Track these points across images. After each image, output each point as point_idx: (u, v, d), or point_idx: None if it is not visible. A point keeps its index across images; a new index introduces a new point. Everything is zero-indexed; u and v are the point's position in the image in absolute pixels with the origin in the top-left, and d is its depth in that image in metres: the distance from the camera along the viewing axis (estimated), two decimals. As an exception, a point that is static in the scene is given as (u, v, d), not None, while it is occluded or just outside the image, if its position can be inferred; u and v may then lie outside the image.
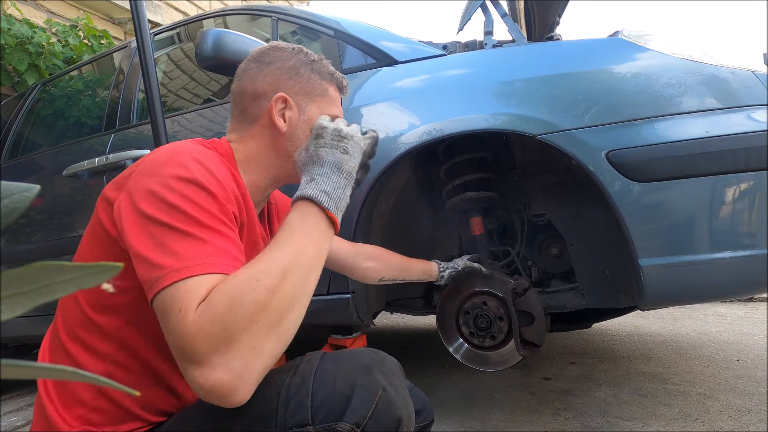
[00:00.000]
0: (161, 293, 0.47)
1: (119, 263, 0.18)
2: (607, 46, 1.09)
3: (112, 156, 1.56)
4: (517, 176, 1.38)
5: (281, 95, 0.70)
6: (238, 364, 0.44)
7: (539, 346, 1.16)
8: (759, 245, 0.92)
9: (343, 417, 0.49)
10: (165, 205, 0.51)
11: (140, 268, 0.50)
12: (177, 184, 0.52)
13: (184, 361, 0.45)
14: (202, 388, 0.44)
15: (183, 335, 0.44)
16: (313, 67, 0.75)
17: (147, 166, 0.55)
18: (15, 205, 0.17)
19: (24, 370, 0.16)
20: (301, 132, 0.72)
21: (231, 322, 0.45)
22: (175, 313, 0.45)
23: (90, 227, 0.62)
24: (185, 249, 0.49)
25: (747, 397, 1.37)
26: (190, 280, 0.47)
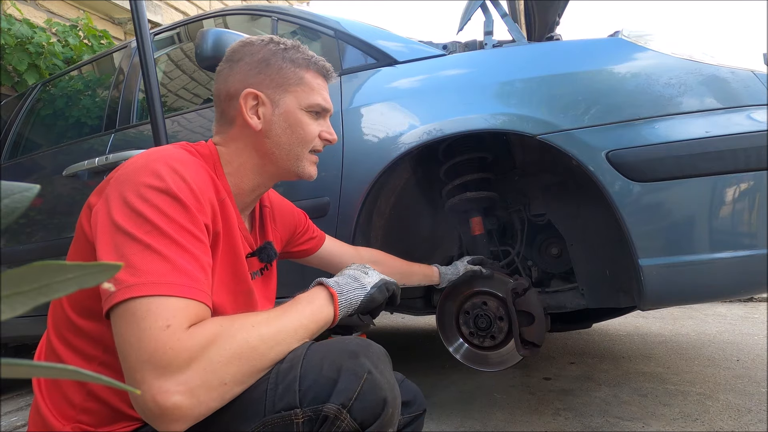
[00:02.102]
0: (121, 306, 0.47)
1: (119, 263, 0.18)
2: (607, 46, 1.09)
3: (112, 156, 1.56)
4: (517, 176, 1.38)
5: (249, 91, 0.68)
6: (198, 400, 0.46)
7: (539, 346, 1.16)
8: (759, 245, 0.92)
9: (330, 399, 0.50)
10: (133, 214, 0.51)
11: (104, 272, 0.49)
12: (148, 193, 0.52)
13: (148, 371, 0.44)
14: (155, 402, 0.44)
15: (157, 349, 0.45)
16: (285, 56, 0.70)
17: (123, 173, 0.55)
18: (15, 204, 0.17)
19: (24, 369, 0.16)
20: (278, 127, 0.69)
21: (206, 361, 0.47)
22: (154, 325, 0.45)
23: (75, 232, 0.61)
24: (143, 263, 0.48)
25: (747, 397, 1.37)
26: (162, 298, 0.47)
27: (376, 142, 1.15)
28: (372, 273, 0.70)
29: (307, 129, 0.71)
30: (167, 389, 0.44)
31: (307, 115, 0.71)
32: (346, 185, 1.17)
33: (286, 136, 0.70)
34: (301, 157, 0.72)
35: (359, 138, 1.17)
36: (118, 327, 0.47)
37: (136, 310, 0.46)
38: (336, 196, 1.18)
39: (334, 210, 1.18)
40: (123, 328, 0.47)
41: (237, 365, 0.49)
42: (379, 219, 1.31)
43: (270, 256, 0.75)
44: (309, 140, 0.72)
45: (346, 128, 1.19)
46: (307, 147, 0.72)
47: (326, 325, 0.61)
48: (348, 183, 1.17)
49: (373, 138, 1.15)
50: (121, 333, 0.47)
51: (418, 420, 0.76)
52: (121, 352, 0.47)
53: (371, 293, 0.66)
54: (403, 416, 0.72)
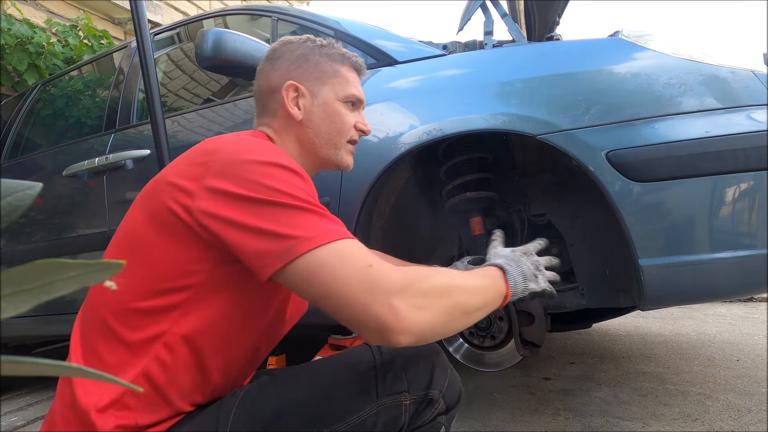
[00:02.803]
0: (310, 253, 0.52)
1: (121, 261, 0.18)
2: (607, 46, 1.09)
3: (112, 156, 1.56)
4: (517, 176, 1.37)
5: (290, 83, 0.72)
6: (427, 314, 0.54)
7: (539, 346, 1.16)
8: (759, 245, 0.92)
9: (431, 386, 0.61)
10: (269, 187, 0.55)
11: (257, 242, 0.53)
12: (272, 170, 0.56)
13: (378, 297, 0.52)
14: (381, 321, 0.51)
15: (380, 279, 0.52)
16: (322, 52, 0.75)
17: (227, 159, 0.57)
18: (17, 203, 0.17)
19: (26, 366, 0.16)
20: (317, 116, 0.74)
21: (422, 287, 0.55)
22: (362, 264, 0.53)
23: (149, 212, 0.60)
24: (303, 220, 0.54)
25: (747, 397, 1.38)
26: (343, 242, 0.54)
27: (376, 142, 1.15)
28: (541, 278, 0.72)
29: (344, 119, 0.76)
30: (399, 305, 0.52)
31: (344, 105, 0.76)
32: (346, 185, 1.17)
33: (325, 126, 0.74)
34: (339, 146, 0.76)
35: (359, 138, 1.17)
36: (317, 275, 0.52)
37: (329, 258, 0.52)
38: (336, 196, 1.18)
39: (335, 210, 1.18)
40: (328, 275, 0.52)
41: (444, 297, 0.56)
42: (379, 219, 1.31)
43: None
44: (346, 129, 0.76)
45: (347, 128, 1.19)
46: (345, 136, 0.76)
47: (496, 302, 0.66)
48: (348, 183, 1.17)
49: (373, 138, 1.15)
50: (328, 280, 0.52)
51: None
52: (335, 294, 0.52)
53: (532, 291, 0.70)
54: None
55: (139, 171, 1.54)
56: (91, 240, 1.60)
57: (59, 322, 1.73)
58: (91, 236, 1.61)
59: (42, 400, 1.92)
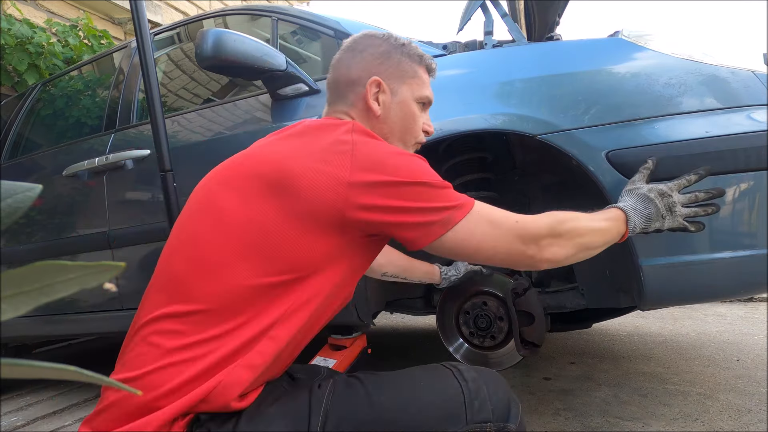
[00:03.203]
0: (469, 215, 0.64)
1: (121, 263, 0.18)
2: (607, 46, 1.09)
3: (112, 156, 1.56)
4: (517, 176, 1.38)
5: (375, 79, 0.74)
6: (561, 251, 0.69)
7: (539, 346, 1.16)
8: (759, 245, 0.92)
9: (509, 419, 0.62)
10: (414, 173, 0.62)
11: (418, 216, 0.62)
12: (406, 158, 0.64)
13: (521, 246, 0.66)
14: (534, 256, 0.67)
15: (530, 230, 0.66)
16: (403, 51, 0.77)
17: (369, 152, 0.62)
18: (17, 204, 0.17)
19: (25, 369, 0.16)
20: (395, 114, 0.76)
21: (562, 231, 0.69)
22: (513, 220, 0.67)
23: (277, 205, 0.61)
24: (453, 194, 0.65)
25: (747, 397, 1.38)
26: (482, 205, 0.67)
27: (376, 142, 1.14)
28: (669, 218, 0.81)
29: (417, 119, 0.79)
30: (543, 246, 0.67)
31: (417, 106, 0.79)
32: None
33: (399, 124, 0.77)
34: (408, 145, 0.79)
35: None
36: (474, 236, 0.64)
37: (482, 219, 0.65)
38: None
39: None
40: (485, 232, 0.65)
41: (570, 239, 0.69)
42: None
43: None
44: (416, 131, 0.80)
45: (346, 128, 1.19)
46: (415, 136, 0.80)
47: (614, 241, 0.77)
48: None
49: (373, 138, 1.15)
50: (485, 236, 0.65)
51: None
52: (494, 245, 0.65)
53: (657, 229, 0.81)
54: None
55: (139, 171, 1.54)
56: (92, 240, 1.60)
57: (59, 322, 1.73)
58: (91, 236, 1.61)
59: (42, 400, 1.92)
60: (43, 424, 1.62)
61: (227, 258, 0.60)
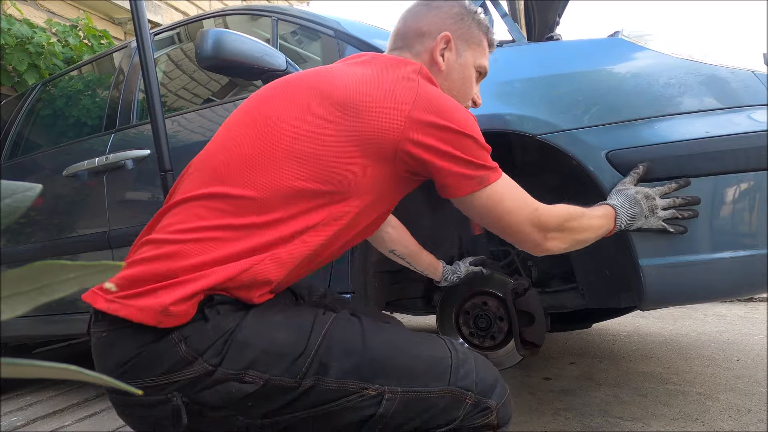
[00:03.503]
0: (496, 184, 0.69)
1: (120, 263, 0.18)
2: (607, 46, 1.09)
3: (112, 156, 1.56)
4: (517, 176, 1.37)
5: (446, 35, 0.76)
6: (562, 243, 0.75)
7: (539, 346, 1.16)
8: (759, 245, 0.92)
9: (491, 396, 0.64)
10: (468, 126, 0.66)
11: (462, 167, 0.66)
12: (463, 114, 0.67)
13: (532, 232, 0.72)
14: (535, 245, 0.73)
15: (544, 221, 0.72)
16: (474, 18, 0.80)
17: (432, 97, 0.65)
18: (17, 204, 0.17)
19: (25, 369, 0.16)
20: (456, 73, 0.78)
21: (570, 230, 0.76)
22: (533, 207, 0.72)
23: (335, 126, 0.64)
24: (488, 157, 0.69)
25: (747, 397, 1.37)
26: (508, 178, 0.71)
27: (376, 142, 1.14)
28: (652, 219, 0.88)
29: (472, 86, 0.82)
30: (549, 237, 0.73)
31: (474, 73, 0.81)
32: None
33: (458, 84, 0.80)
34: None
35: None
36: (499, 206, 0.69)
37: (507, 191, 0.70)
38: (336, 196, 1.17)
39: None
40: (506, 205, 0.70)
41: (572, 233, 0.76)
42: (379, 219, 1.31)
43: None
44: (470, 96, 0.82)
45: (346, 128, 1.19)
46: (467, 101, 0.82)
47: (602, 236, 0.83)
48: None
49: (373, 138, 1.15)
50: (506, 209, 0.70)
51: None
52: (510, 221, 0.71)
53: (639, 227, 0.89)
54: None
55: (139, 171, 1.54)
56: (92, 240, 1.60)
57: (59, 322, 1.73)
58: (91, 236, 1.61)
59: (42, 400, 1.92)
60: (43, 424, 1.62)
61: (277, 157, 0.63)
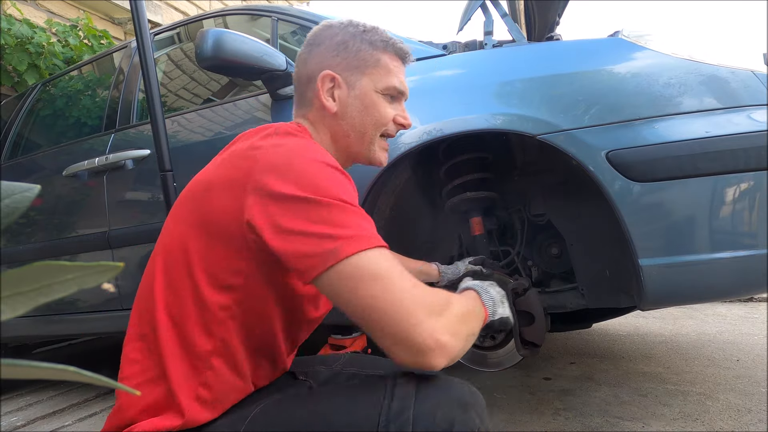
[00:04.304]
0: (355, 257, 0.51)
1: (119, 263, 0.18)
2: (607, 46, 1.09)
3: (112, 156, 1.56)
4: (517, 176, 1.37)
5: (327, 73, 0.69)
6: (455, 338, 0.53)
7: (539, 346, 1.15)
8: (759, 245, 0.92)
9: None
10: (313, 186, 0.53)
11: (300, 245, 0.52)
12: (318, 168, 0.55)
13: (423, 316, 0.51)
14: (425, 343, 0.50)
15: (425, 301, 0.52)
16: (364, 38, 0.70)
17: (275, 157, 0.56)
18: (16, 204, 0.17)
19: (24, 369, 0.16)
20: (353, 108, 0.70)
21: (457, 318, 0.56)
22: (409, 283, 0.52)
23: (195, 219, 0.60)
24: (354, 222, 0.53)
25: (747, 397, 1.37)
26: (382, 251, 0.53)
27: (376, 142, 1.14)
28: (505, 305, 0.79)
29: (382, 111, 0.71)
30: (440, 329, 0.51)
31: (383, 97, 0.72)
32: (346, 185, 1.17)
33: (360, 118, 0.70)
34: (373, 140, 0.72)
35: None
36: (359, 283, 0.51)
37: (373, 268, 0.51)
38: (336, 196, 1.17)
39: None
40: (373, 288, 0.51)
41: (465, 324, 0.58)
42: (379, 219, 1.31)
43: None
44: (383, 122, 0.72)
45: (346, 128, 1.19)
46: (380, 129, 0.72)
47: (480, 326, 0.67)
48: (348, 183, 1.17)
49: (373, 138, 1.15)
50: (374, 293, 0.51)
51: None
52: (380, 309, 0.51)
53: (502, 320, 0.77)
54: None
55: (139, 171, 1.54)
56: (91, 240, 1.60)
57: (59, 322, 1.73)
58: (91, 236, 1.61)
59: (42, 400, 1.92)
60: (43, 424, 1.62)
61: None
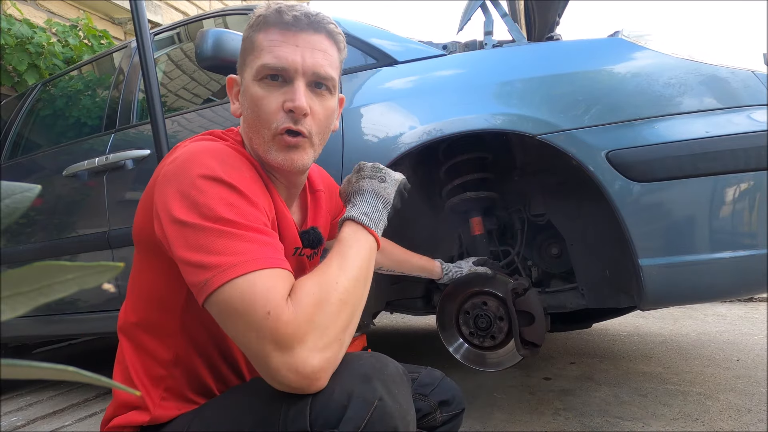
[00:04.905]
0: (220, 291, 0.48)
1: (119, 263, 0.18)
2: (607, 46, 1.09)
3: (112, 156, 1.56)
4: (517, 176, 1.37)
5: (229, 77, 0.66)
6: (330, 354, 0.49)
7: (539, 346, 1.16)
8: (759, 245, 0.92)
9: (339, 426, 0.47)
10: (195, 207, 0.51)
11: (186, 273, 0.51)
12: (203, 184, 0.52)
13: (274, 352, 0.47)
14: (298, 373, 0.47)
15: (277, 329, 0.47)
16: (250, 25, 0.62)
17: (170, 170, 0.54)
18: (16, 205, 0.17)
19: (24, 370, 0.16)
20: (245, 108, 0.63)
21: (322, 318, 0.49)
22: (261, 312, 0.47)
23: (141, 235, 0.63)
24: (228, 247, 0.49)
25: (747, 397, 1.37)
26: (253, 275, 0.48)
27: (376, 142, 1.15)
28: (388, 178, 0.68)
29: (261, 103, 0.59)
30: (303, 358, 0.47)
31: (260, 84, 0.60)
32: (346, 185, 1.17)
33: (249, 118, 0.62)
34: (266, 138, 0.61)
35: (359, 138, 1.17)
36: (224, 319, 0.49)
37: (234, 300, 0.48)
38: (336, 196, 1.18)
39: (334, 210, 1.18)
40: (231, 322, 0.49)
41: (344, 313, 0.52)
42: (379, 219, 1.31)
43: (312, 242, 0.70)
44: (267, 118, 0.59)
45: (346, 128, 1.19)
46: (269, 125, 0.60)
47: (375, 251, 0.62)
48: (348, 183, 1.17)
49: (373, 138, 1.15)
50: (233, 327, 0.49)
51: (456, 419, 0.77)
52: (240, 343, 0.49)
53: (394, 204, 0.69)
54: (442, 414, 0.74)
55: (139, 171, 1.54)
56: (92, 240, 1.60)
57: (59, 322, 1.73)
58: (91, 236, 1.61)
59: (42, 400, 1.91)
60: (43, 424, 1.62)
61: None
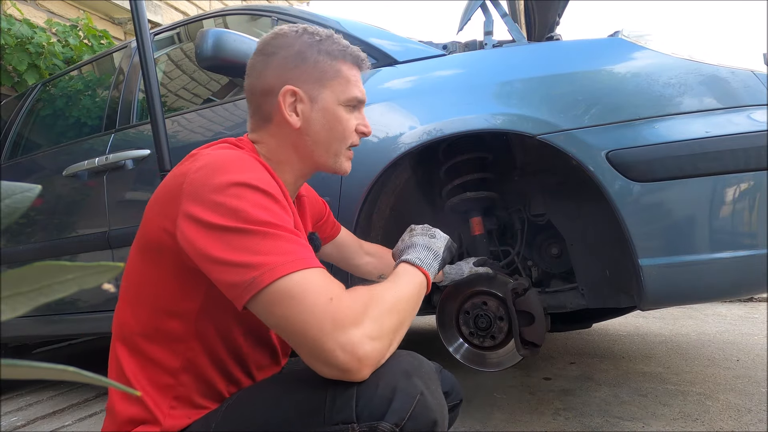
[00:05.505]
0: (274, 286, 0.51)
1: (119, 263, 0.18)
2: (606, 46, 1.09)
3: (112, 156, 1.56)
4: (517, 176, 1.37)
5: (288, 88, 0.66)
6: (380, 345, 0.54)
7: (539, 346, 1.16)
8: (759, 245, 0.92)
9: (384, 417, 0.51)
10: (233, 213, 0.53)
11: (224, 274, 0.52)
12: (239, 191, 0.54)
13: (332, 332, 0.50)
14: (352, 355, 0.51)
15: (339, 311, 0.51)
16: (321, 48, 0.68)
17: (198, 178, 0.56)
18: (16, 205, 0.17)
19: (24, 370, 0.16)
20: (317, 123, 0.69)
21: (377, 312, 0.55)
22: (324, 298, 0.51)
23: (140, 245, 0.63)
24: (276, 246, 0.53)
25: (747, 397, 1.37)
26: (305, 272, 0.52)
27: (376, 143, 1.15)
28: (438, 235, 0.76)
29: (346, 125, 0.71)
30: (359, 341, 0.51)
31: (345, 109, 0.71)
32: (346, 185, 1.17)
33: (325, 133, 0.69)
34: (339, 153, 0.72)
35: None
36: (276, 309, 0.51)
37: (291, 290, 0.51)
38: (336, 197, 1.18)
39: (335, 210, 1.18)
40: (288, 309, 0.51)
41: (394, 316, 0.58)
42: (379, 219, 1.31)
43: (316, 247, 0.77)
44: (348, 136, 0.72)
45: (346, 128, 1.19)
46: (346, 143, 0.72)
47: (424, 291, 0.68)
48: (348, 183, 1.17)
49: (373, 138, 1.15)
50: (288, 314, 0.51)
51: (455, 409, 0.79)
52: (295, 330, 0.51)
53: (444, 257, 0.75)
54: None
55: (139, 171, 1.54)
56: (92, 240, 1.60)
57: (59, 322, 1.73)
58: (91, 236, 1.61)
59: (42, 400, 1.92)
60: (43, 424, 1.62)
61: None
